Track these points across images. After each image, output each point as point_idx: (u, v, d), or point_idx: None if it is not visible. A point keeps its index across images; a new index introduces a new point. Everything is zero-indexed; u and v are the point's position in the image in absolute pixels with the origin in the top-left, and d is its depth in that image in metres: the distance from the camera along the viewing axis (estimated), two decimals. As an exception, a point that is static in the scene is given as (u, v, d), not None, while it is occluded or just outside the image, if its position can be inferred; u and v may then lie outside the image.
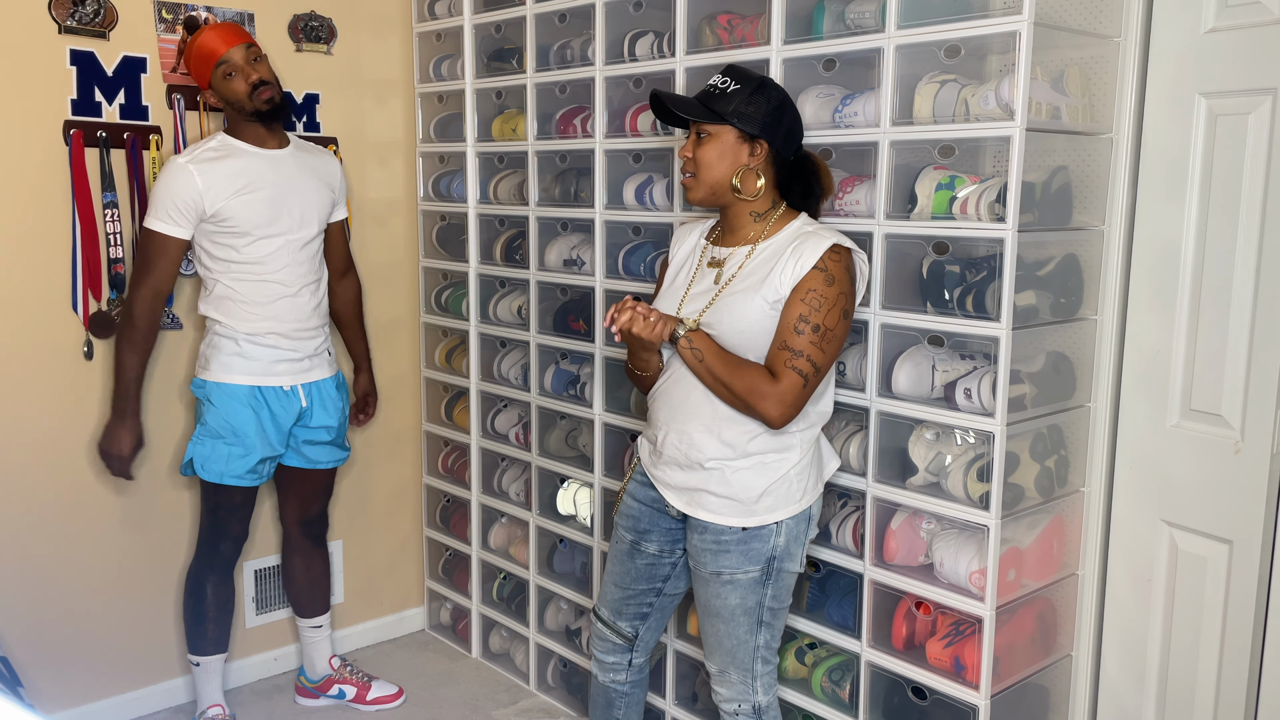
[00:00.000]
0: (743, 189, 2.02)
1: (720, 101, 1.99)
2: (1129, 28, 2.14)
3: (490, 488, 3.20)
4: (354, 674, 3.06)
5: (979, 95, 2.01)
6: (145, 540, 2.90)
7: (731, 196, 2.03)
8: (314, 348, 2.73)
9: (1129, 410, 2.23)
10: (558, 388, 2.91)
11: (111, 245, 2.73)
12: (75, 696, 2.83)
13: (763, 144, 2.01)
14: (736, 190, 2.02)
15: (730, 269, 2.05)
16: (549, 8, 2.77)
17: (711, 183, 2.02)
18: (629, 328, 1.99)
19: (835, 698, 2.34)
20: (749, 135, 2.00)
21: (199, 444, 2.65)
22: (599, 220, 2.70)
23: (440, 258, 3.30)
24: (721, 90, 2.00)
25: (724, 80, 2.01)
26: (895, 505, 2.21)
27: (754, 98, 1.98)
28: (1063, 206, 2.11)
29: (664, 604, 2.27)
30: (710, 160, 2.01)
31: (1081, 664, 2.34)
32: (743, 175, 2.01)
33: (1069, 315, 2.17)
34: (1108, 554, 2.30)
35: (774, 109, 2.00)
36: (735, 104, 1.98)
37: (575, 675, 2.98)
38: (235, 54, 2.56)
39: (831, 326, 1.94)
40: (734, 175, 2.01)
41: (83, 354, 2.74)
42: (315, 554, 2.98)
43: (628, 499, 2.23)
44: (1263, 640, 2.09)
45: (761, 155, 2.01)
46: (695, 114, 2.01)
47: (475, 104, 3.06)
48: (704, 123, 2.01)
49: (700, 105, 2.00)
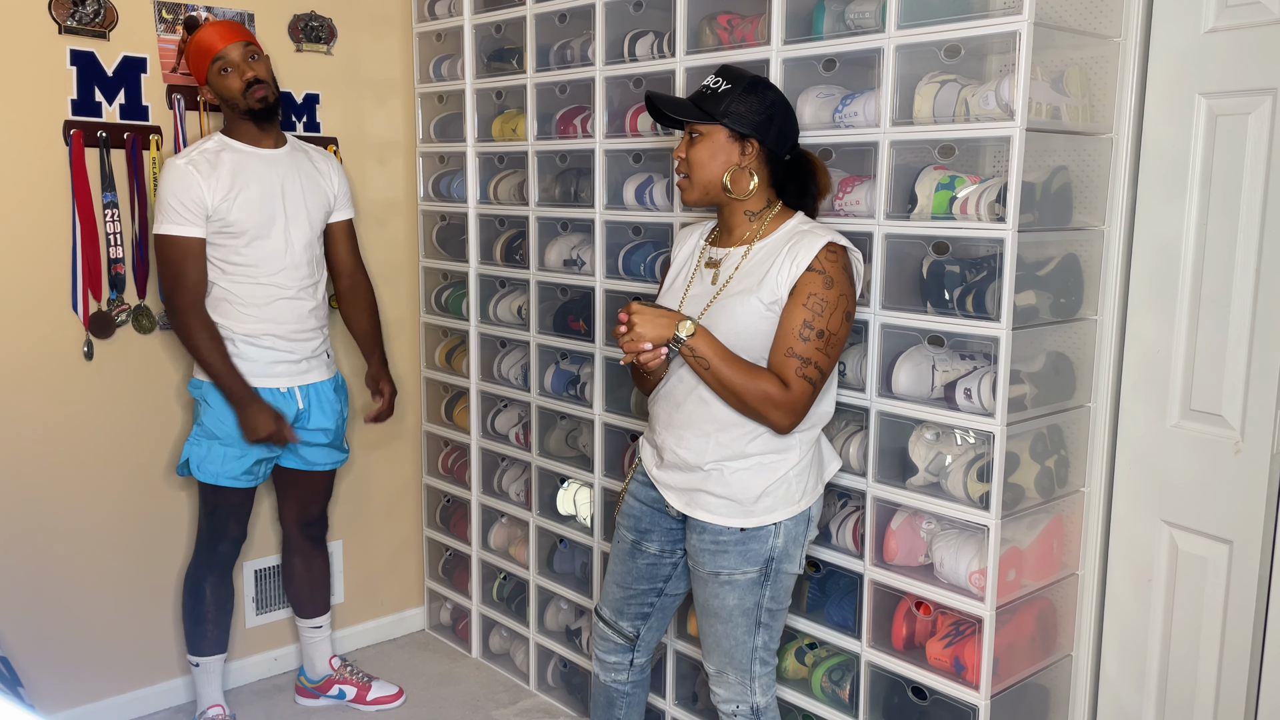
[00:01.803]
0: (734, 188, 2.02)
1: (711, 101, 1.99)
2: (1129, 28, 2.14)
3: (490, 488, 3.20)
4: (354, 674, 3.06)
5: (979, 95, 2.01)
6: (145, 540, 2.90)
7: (725, 196, 2.03)
8: (311, 349, 2.73)
9: (1129, 410, 2.23)
10: (558, 388, 2.91)
11: (111, 245, 2.73)
12: (75, 696, 2.83)
13: (754, 143, 2.00)
14: (727, 189, 2.02)
15: (727, 270, 2.05)
16: (549, 8, 2.77)
17: (705, 183, 2.02)
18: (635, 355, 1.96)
19: (835, 698, 2.34)
20: (739, 134, 2.00)
21: (195, 445, 2.65)
22: (599, 220, 2.70)
23: (440, 258, 3.30)
24: (714, 90, 2.00)
25: (716, 80, 2.02)
26: (895, 505, 2.21)
27: (745, 97, 1.98)
28: (1063, 206, 2.11)
29: (665, 604, 2.27)
30: (702, 160, 2.01)
31: (1081, 664, 2.34)
32: (734, 174, 2.01)
33: (1069, 315, 2.17)
34: (1108, 554, 2.30)
35: (766, 107, 1.99)
36: (726, 103, 1.98)
37: (575, 675, 2.98)
38: (233, 51, 2.56)
39: (835, 330, 1.94)
40: (725, 174, 2.01)
41: (83, 354, 2.74)
42: (315, 554, 2.98)
43: (629, 499, 2.23)
44: (1263, 640, 2.09)
45: (753, 154, 2.01)
46: (686, 114, 2.01)
47: (475, 104, 3.06)
48: (695, 122, 2.01)
49: (691, 105, 2.01)
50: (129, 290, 2.78)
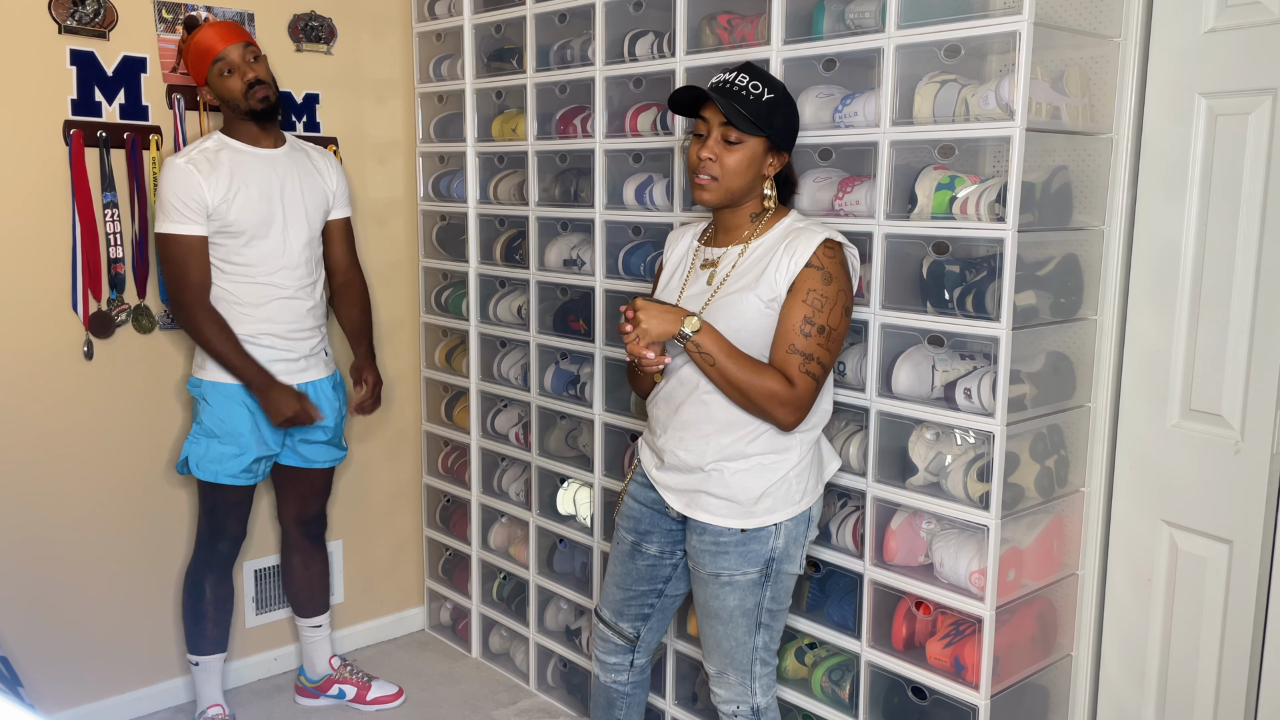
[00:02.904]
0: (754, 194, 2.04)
1: (756, 109, 1.95)
2: (1129, 28, 2.14)
3: (490, 488, 3.20)
4: (354, 674, 3.06)
5: (979, 95, 2.01)
6: (145, 540, 2.90)
7: (742, 201, 2.04)
8: (310, 348, 2.73)
9: (1129, 410, 2.23)
10: (558, 388, 2.91)
11: (111, 245, 2.73)
12: (75, 696, 2.83)
13: (785, 155, 2.04)
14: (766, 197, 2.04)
15: (724, 269, 2.05)
16: (549, 8, 2.77)
17: (735, 189, 2.01)
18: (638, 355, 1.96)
19: (835, 698, 2.34)
20: (776, 147, 2.01)
21: (195, 443, 2.65)
22: (599, 220, 2.70)
23: (440, 258, 3.30)
24: (755, 96, 1.95)
25: (752, 82, 1.97)
26: (895, 505, 2.21)
27: (784, 107, 1.99)
28: (1063, 206, 2.11)
29: (665, 605, 2.27)
30: (739, 169, 1.99)
31: (1081, 664, 2.34)
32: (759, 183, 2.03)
33: (1069, 315, 2.17)
34: (1108, 554, 2.30)
35: (794, 118, 2.02)
36: (773, 115, 1.96)
37: (575, 675, 2.98)
38: (232, 52, 2.56)
39: (835, 326, 1.95)
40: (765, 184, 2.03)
41: (83, 354, 2.74)
42: (314, 553, 2.98)
43: (629, 500, 2.23)
44: (1263, 640, 2.09)
45: (778, 165, 2.03)
46: (742, 125, 1.95)
47: (475, 104, 3.06)
48: (745, 132, 1.97)
49: (746, 117, 1.94)
50: (129, 290, 2.78)
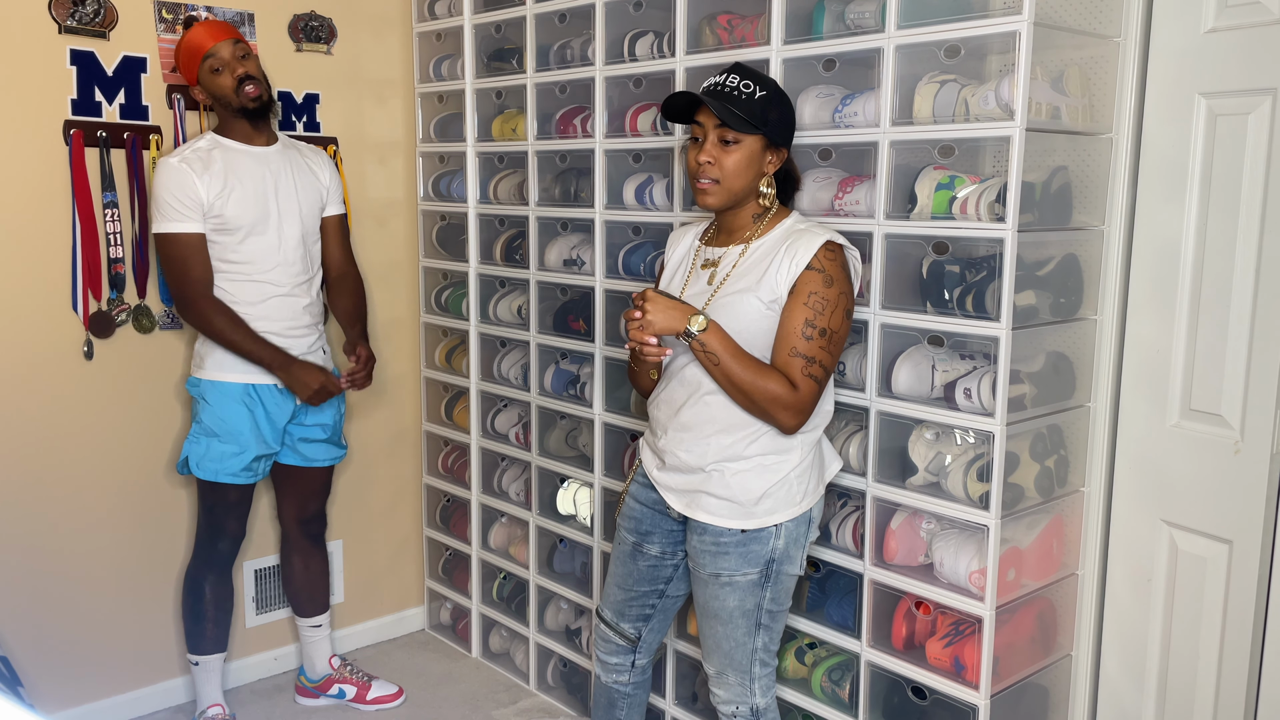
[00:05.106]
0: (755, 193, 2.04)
1: (748, 107, 1.94)
2: (1129, 28, 2.14)
3: (490, 487, 3.20)
4: (354, 674, 3.06)
5: (979, 95, 2.01)
6: (145, 540, 2.90)
7: (744, 200, 2.03)
8: (307, 345, 2.73)
9: (1129, 410, 2.23)
10: (558, 388, 2.91)
11: (111, 245, 2.73)
12: (75, 696, 2.83)
13: (784, 151, 2.03)
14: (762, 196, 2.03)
15: (724, 269, 2.05)
16: (549, 8, 2.77)
17: (737, 191, 2.00)
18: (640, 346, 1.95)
19: (835, 698, 2.34)
20: (774, 143, 2.00)
21: (194, 442, 2.65)
22: (599, 220, 2.70)
23: (440, 258, 3.30)
24: (747, 95, 1.95)
25: (743, 82, 1.96)
26: (895, 505, 2.21)
27: (778, 104, 1.98)
28: (1063, 206, 2.11)
29: (666, 606, 2.26)
30: (739, 169, 1.98)
31: (1081, 664, 2.34)
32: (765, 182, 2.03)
33: (1069, 315, 2.17)
34: (1107, 554, 2.30)
35: (790, 112, 2.01)
36: (767, 112, 1.95)
37: (575, 675, 2.98)
38: (222, 49, 2.56)
39: (836, 328, 1.95)
40: (762, 183, 2.02)
41: (83, 354, 2.74)
42: (314, 553, 2.98)
43: (629, 500, 2.23)
44: (1263, 640, 2.09)
45: (778, 161, 2.03)
46: (737, 125, 1.94)
47: (475, 104, 3.06)
48: (740, 132, 1.96)
49: (741, 117, 1.94)
50: (129, 290, 2.78)
